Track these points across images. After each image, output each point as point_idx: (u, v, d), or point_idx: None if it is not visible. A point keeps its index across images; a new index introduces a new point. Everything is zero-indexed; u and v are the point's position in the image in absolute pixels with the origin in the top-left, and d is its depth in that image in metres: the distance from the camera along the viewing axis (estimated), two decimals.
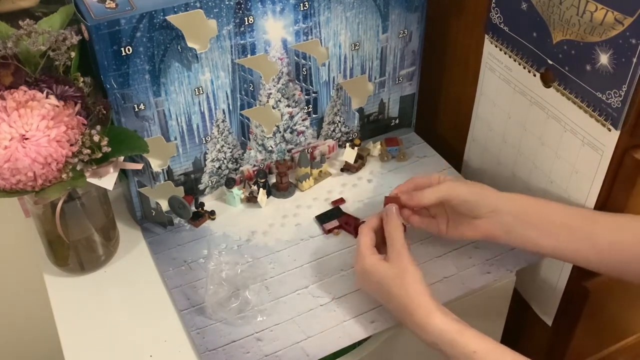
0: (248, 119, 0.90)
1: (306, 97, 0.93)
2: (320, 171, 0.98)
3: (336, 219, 0.90)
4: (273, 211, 0.93)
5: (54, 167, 0.69)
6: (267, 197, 0.95)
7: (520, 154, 0.92)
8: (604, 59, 0.71)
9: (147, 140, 0.78)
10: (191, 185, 0.91)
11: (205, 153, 0.90)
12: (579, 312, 0.91)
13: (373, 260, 0.75)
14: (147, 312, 0.80)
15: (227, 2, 0.79)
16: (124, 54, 0.75)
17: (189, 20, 0.77)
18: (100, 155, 0.71)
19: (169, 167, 0.87)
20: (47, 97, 0.70)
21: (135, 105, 0.80)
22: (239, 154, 0.93)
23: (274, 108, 0.91)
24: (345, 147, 0.99)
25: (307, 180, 0.96)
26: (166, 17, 0.76)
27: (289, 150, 0.97)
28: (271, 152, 0.96)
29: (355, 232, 0.88)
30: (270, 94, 0.90)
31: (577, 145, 0.80)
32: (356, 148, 0.99)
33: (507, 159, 0.95)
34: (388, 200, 0.81)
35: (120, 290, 0.83)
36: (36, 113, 0.68)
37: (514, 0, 0.82)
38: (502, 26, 0.86)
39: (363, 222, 0.90)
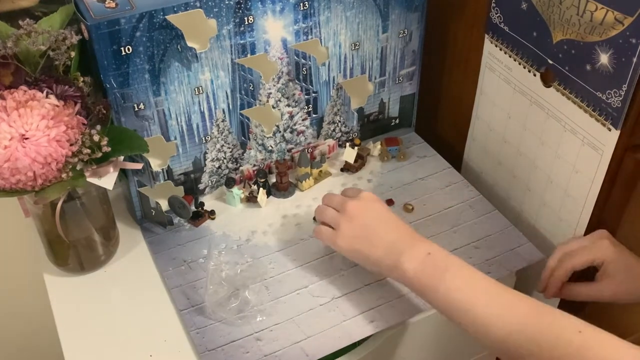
0: (248, 118, 0.90)
1: (306, 96, 0.93)
2: (320, 171, 0.98)
3: None
4: (273, 211, 0.93)
5: (53, 167, 0.69)
6: (267, 197, 0.95)
7: (520, 154, 0.92)
8: (604, 58, 0.71)
9: (147, 139, 0.77)
10: (191, 185, 0.91)
11: (205, 153, 0.90)
12: (579, 311, 0.91)
13: (377, 197, 0.79)
14: (147, 311, 0.80)
15: (227, 2, 0.79)
16: (123, 53, 0.75)
17: (188, 19, 0.77)
18: (100, 155, 0.71)
19: (168, 166, 0.87)
20: (47, 96, 0.70)
21: (135, 105, 0.80)
22: (239, 154, 0.93)
23: (273, 108, 0.91)
24: (345, 147, 0.99)
25: (307, 180, 0.96)
26: (166, 17, 0.76)
27: (289, 150, 0.97)
28: (271, 151, 0.96)
29: None
30: (270, 93, 0.90)
31: (577, 145, 0.80)
32: (356, 148, 0.98)
33: (507, 159, 0.95)
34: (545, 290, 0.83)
35: (120, 290, 0.83)
36: (36, 113, 0.68)
37: (514, 0, 0.82)
38: (502, 26, 0.86)
39: None
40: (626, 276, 0.77)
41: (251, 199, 0.94)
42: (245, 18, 0.81)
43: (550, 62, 0.80)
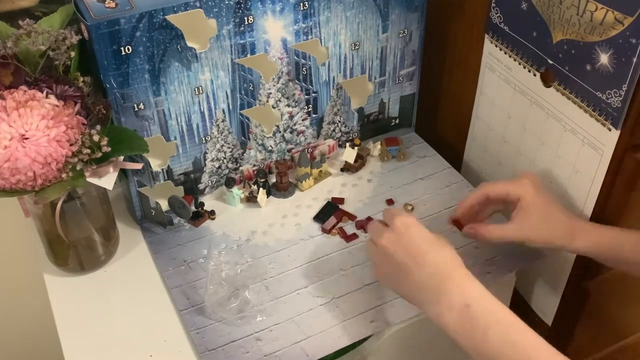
0: (248, 118, 0.90)
1: (306, 96, 0.93)
2: (320, 171, 0.98)
3: (333, 215, 0.90)
4: (273, 211, 0.93)
5: (53, 167, 0.69)
6: (267, 197, 0.95)
7: (520, 153, 0.92)
8: (604, 58, 0.71)
9: (147, 139, 0.77)
10: (191, 185, 0.91)
11: (205, 153, 0.90)
12: (579, 312, 0.91)
13: (413, 220, 0.71)
14: (146, 311, 0.80)
15: (226, 2, 0.79)
16: (123, 53, 0.75)
17: (188, 19, 0.77)
18: (100, 155, 0.71)
19: (168, 166, 0.87)
20: (47, 96, 0.70)
21: (135, 105, 0.80)
22: (239, 154, 0.93)
23: (273, 108, 0.91)
24: (345, 147, 0.99)
25: (307, 180, 0.96)
26: (166, 17, 0.76)
27: (289, 150, 0.97)
28: (271, 151, 0.96)
29: (354, 219, 0.90)
30: (270, 93, 0.90)
31: (577, 145, 0.80)
32: (356, 148, 0.98)
33: (507, 159, 0.95)
34: (454, 222, 0.82)
35: (120, 290, 0.83)
36: (36, 113, 0.68)
37: (514, 0, 0.82)
38: (502, 26, 0.86)
39: (361, 220, 0.90)
40: (539, 218, 0.76)
41: (251, 199, 0.94)
42: (245, 18, 0.81)
43: (550, 62, 0.80)
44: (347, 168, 1.00)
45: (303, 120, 0.95)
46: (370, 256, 0.74)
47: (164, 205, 0.90)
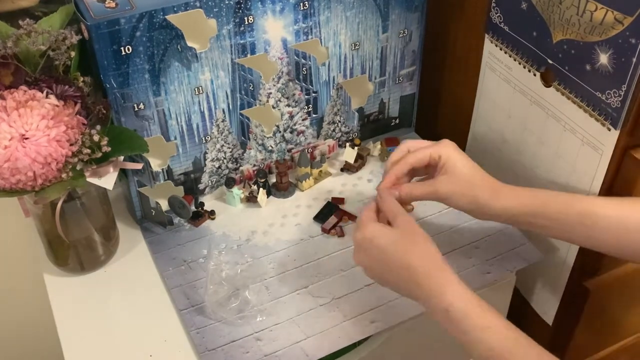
0: (248, 118, 0.90)
1: (306, 96, 0.93)
2: (320, 171, 0.98)
3: (333, 214, 0.91)
4: (273, 211, 0.93)
5: (53, 167, 0.69)
6: (267, 197, 0.95)
7: (520, 153, 0.92)
8: (603, 58, 0.71)
9: (147, 139, 0.77)
10: (191, 185, 0.91)
11: (205, 153, 0.90)
12: (579, 311, 0.91)
13: (377, 226, 0.70)
14: (146, 311, 0.80)
15: (227, 2, 0.79)
16: (123, 53, 0.75)
17: (188, 19, 0.77)
18: (100, 155, 0.71)
19: (168, 166, 0.87)
20: (47, 96, 0.70)
21: (135, 105, 0.80)
22: (239, 154, 0.93)
23: (273, 108, 0.91)
24: (345, 146, 0.99)
25: (307, 180, 0.96)
26: (166, 17, 0.76)
27: (289, 150, 0.97)
28: (271, 151, 0.96)
29: (354, 219, 0.91)
30: (270, 93, 0.90)
31: (577, 145, 0.80)
32: (356, 148, 0.98)
33: (507, 159, 0.95)
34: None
35: (120, 290, 0.83)
36: (36, 113, 0.68)
37: (514, 0, 0.82)
38: (502, 25, 0.86)
39: None
40: (462, 174, 0.74)
41: (251, 199, 0.94)
42: (245, 18, 0.81)
43: (550, 62, 0.80)
44: (347, 168, 1.00)
45: (303, 120, 0.95)
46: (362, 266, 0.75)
47: (164, 205, 0.90)
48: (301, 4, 0.84)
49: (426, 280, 0.66)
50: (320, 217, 0.91)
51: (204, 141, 0.88)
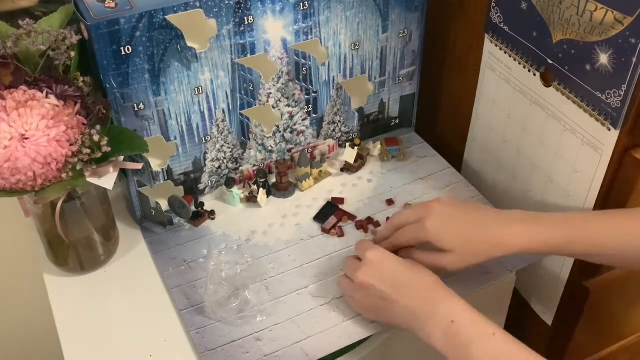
0: (248, 118, 0.90)
1: (306, 96, 0.93)
2: (320, 171, 0.98)
3: (333, 214, 0.91)
4: (273, 211, 0.93)
5: (53, 167, 0.69)
6: (267, 197, 0.95)
7: (520, 153, 0.92)
8: (603, 58, 0.71)
9: (147, 139, 0.77)
10: (191, 185, 0.91)
11: (205, 153, 0.90)
12: (579, 311, 0.91)
13: (384, 251, 0.74)
14: (146, 311, 0.80)
15: (226, 2, 0.79)
16: (123, 53, 0.75)
17: (188, 19, 0.77)
18: (100, 155, 0.71)
19: (168, 166, 0.87)
20: (47, 96, 0.70)
21: (135, 105, 0.80)
22: (239, 154, 0.93)
23: (273, 108, 0.91)
24: (345, 147, 0.99)
25: (307, 180, 0.96)
26: (166, 17, 0.76)
27: (289, 150, 0.97)
28: (271, 151, 0.96)
29: (354, 219, 0.91)
30: (270, 93, 0.90)
31: (577, 145, 0.80)
32: (356, 148, 0.98)
33: (507, 159, 0.95)
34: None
35: (120, 290, 0.83)
36: (36, 113, 0.68)
37: (514, 0, 0.82)
38: (502, 26, 0.86)
39: (361, 220, 0.90)
40: (458, 250, 0.74)
41: (251, 199, 0.94)
42: (245, 18, 0.81)
43: (550, 62, 0.80)
44: (347, 168, 1.00)
45: (303, 120, 0.95)
46: (347, 292, 0.77)
47: (164, 205, 0.90)
48: (301, 4, 0.84)
49: (433, 300, 0.69)
50: (320, 217, 0.91)
51: (204, 141, 0.88)
